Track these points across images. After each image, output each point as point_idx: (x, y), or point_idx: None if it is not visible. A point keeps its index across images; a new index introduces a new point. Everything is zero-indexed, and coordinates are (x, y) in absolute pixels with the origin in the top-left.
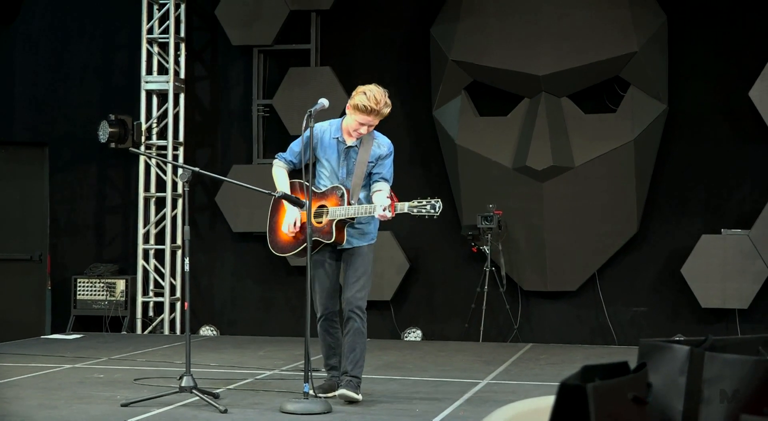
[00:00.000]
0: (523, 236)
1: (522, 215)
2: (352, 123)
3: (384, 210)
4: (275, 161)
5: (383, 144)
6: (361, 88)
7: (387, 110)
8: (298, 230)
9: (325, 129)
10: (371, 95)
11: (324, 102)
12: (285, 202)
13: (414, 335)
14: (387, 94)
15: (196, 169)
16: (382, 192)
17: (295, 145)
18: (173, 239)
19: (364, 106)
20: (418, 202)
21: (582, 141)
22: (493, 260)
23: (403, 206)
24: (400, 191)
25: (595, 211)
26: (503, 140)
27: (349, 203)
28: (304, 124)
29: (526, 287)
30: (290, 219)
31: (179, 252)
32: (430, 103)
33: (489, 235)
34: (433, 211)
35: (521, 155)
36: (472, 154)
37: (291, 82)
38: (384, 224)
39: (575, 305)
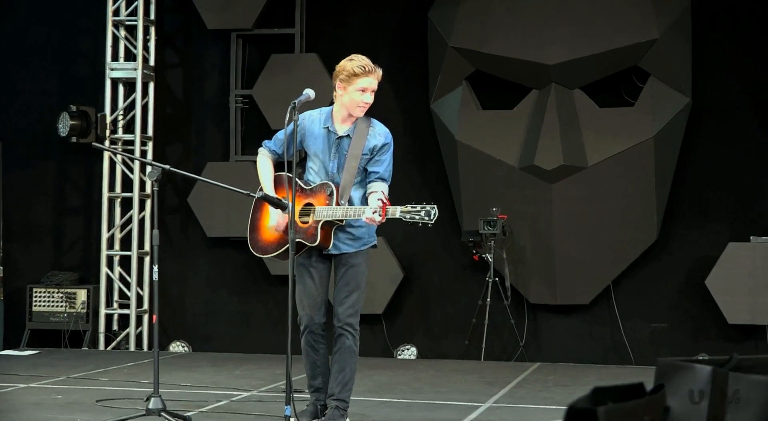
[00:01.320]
0: (530, 243)
1: (529, 219)
2: (354, 99)
3: (374, 213)
4: (260, 150)
5: (380, 133)
6: (345, 60)
7: (380, 71)
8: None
9: (314, 118)
10: (359, 57)
11: (309, 93)
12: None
13: (408, 352)
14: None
15: (167, 166)
16: (377, 193)
17: (281, 133)
18: (140, 245)
19: (361, 66)
20: (412, 207)
21: (596, 138)
22: (496, 269)
23: (395, 211)
24: (392, 193)
25: (610, 215)
26: (508, 136)
27: (337, 203)
28: (287, 118)
29: (533, 299)
30: (278, 217)
31: (147, 259)
32: (428, 96)
33: (492, 242)
34: (427, 218)
35: (528, 153)
36: (473, 152)
37: (273, 70)
38: (377, 228)
39: (588, 320)
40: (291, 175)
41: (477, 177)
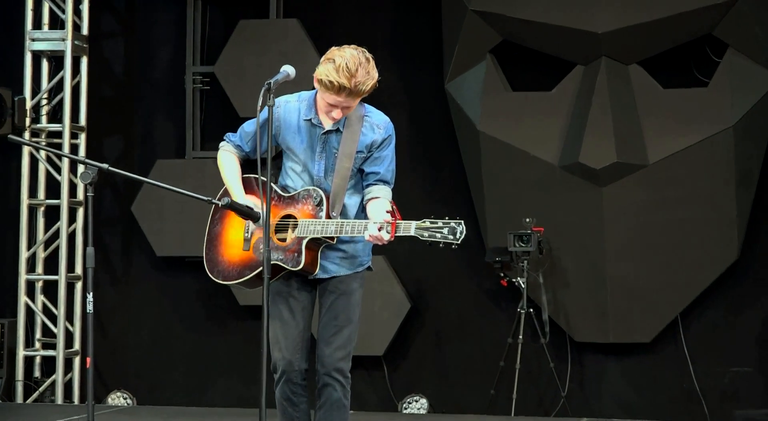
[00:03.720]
0: (573, 264)
1: (573, 233)
2: (322, 105)
3: (380, 230)
4: (222, 145)
5: (379, 124)
6: (331, 53)
7: (368, 85)
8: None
9: (291, 107)
10: (342, 64)
11: (288, 70)
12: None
13: (417, 405)
14: (371, 62)
15: (104, 165)
16: (380, 201)
17: (249, 125)
18: (70, 267)
19: (330, 81)
20: (431, 223)
21: (659, 127)
22: (530, 297)
23: (409, 227)
24: (394, 200)
25: (677, 228)
26: (546, 126)
27: (328, 216)
28: (260, 103)
29: (579, 337)
30: (247, 231)
31: (79, 285)
32: (441, 73)
33: (525, 262)
34: (452, 237)
35: (572, 148)
36: (500, 146)
37: (241, 41)
38: (377, 246)
39: (649, 363)
40: (265, 178)
41: (505, 178)
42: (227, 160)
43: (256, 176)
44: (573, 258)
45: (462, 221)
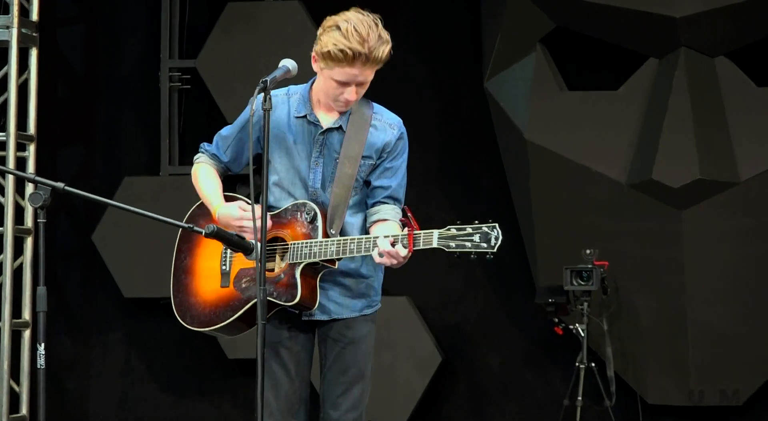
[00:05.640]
0: (646, 307)
1: (645, 267)
2: (328, 88)
3: (392, 244)
4: (198, 158)
5: (391, 123)
6: (331, 21)
7: (383, 52)
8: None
9: (280, 100)
10: (349, 28)
11: (288, 65)
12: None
13: None
14: (380, 25)
15: (59, 184)
16: (389, 223)
17: (227, 129)
18: (16, 312)
19: (341, 50)
20: (458, 230)
21: (752, 135)
22: (592, 349)
23: (431, 237)
24: (420, 221)
25: None
26: (610, 134)
27: (326, 234)
28: (252, 103)
29: (653, 398)
30: (230, 263)
31: (27, 334)
32: (479, 69)
33: (586, 304)
34: (485, 245)
35: (643, 161)
36: (553, 159)
37: (230, 28)
38: (393, 280)
39: None
40: (250, 202)
41: (559, 200)
42: (205, 176)
43: (237, 195)
44: (645, 299)
45: (496, 224)
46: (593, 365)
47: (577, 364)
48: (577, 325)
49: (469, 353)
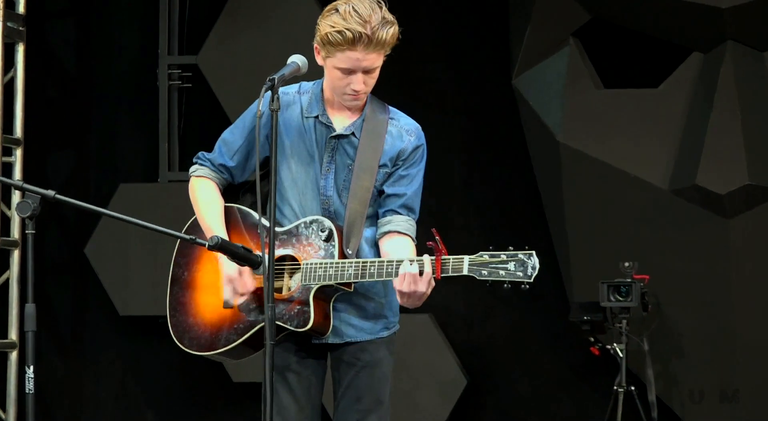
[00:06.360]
0: (690, 324)
1: (689, 282)
2: (334, 80)
3: (420, 271)
4: (195, 170)
5: (407, 128)
6: (331, 6)
7: (388, 34)
8: (247, 297)
9: (291, 99)
10: (348, 10)
11: (298, 61)
12: (222, 254)
13: None
14: (384, 7)
15: (49, 192)
16: (404, 241)
17: (232, 134)
18: (2, 332)
19: (339, 32)
20: (491, 257)
21: None
22: (631, 370)
23: (461, 264)
24: (445, 238)
25: None
26: (650, 135)
27: (342, 253)
28: (259, 106)
29: None
30: (230, 274)
31: (14, 356)
32: (507, 65)
33: (624, 322)
34: (521, 274)
35: (687, 166)
36: (588, 164)
37: (234, 21)
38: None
39: None
40: (261, 218)
41: (595, 207)
42: (203, 190)
43: (239, 207)
44: (689, 316)
45: (533, 252)
46: (633, 388)
47: (615, 387)
48: (615, 345)
49: (496, 376)
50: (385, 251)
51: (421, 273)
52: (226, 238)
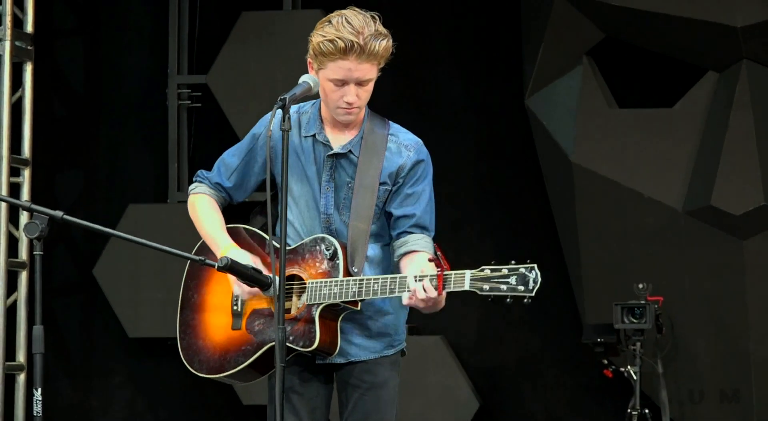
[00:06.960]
0: (705, 346)
1: (704, 303)
2: (328, 93)
3: (423, 287)
4: (195, 188)
5: (407, 145)
6: (323, 20)
7: (381, 46)
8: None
9: (291, 120)
10: (340, 20)
11: (309, 81)
12: (232, 276)
13: None
14: (378, 21)
15: (58, 213)
16: (420, 256)
17: (230, 155)
18: (10, 354)
19: (331, 41)
20: (492, 271)
21: None
22: (645, 393)
23: (462, 279)
24: (455, 252)
25: None
26: (665, 156)
27: (347, 271)
28: (270, 126)
29: None
30: (243, 302)
31: (21, 378)
32: (519, 84)
33: (638, 344)
34: (522, 288)
35: (701, 186)
36: (602, 184)
37: (243, 40)
38: (426, 317)
39: None
40: (270, 238)
41: (609, 228)
42: (205, 208)
43: (245, 227)
44: (704, 338)
45: (534, 265)
46: (647, 411)
47: (629, 410)
48: (628, 367)
49: (509, 399)
50: (408, 270)
51: (422, 285)
52: (232, 245)
